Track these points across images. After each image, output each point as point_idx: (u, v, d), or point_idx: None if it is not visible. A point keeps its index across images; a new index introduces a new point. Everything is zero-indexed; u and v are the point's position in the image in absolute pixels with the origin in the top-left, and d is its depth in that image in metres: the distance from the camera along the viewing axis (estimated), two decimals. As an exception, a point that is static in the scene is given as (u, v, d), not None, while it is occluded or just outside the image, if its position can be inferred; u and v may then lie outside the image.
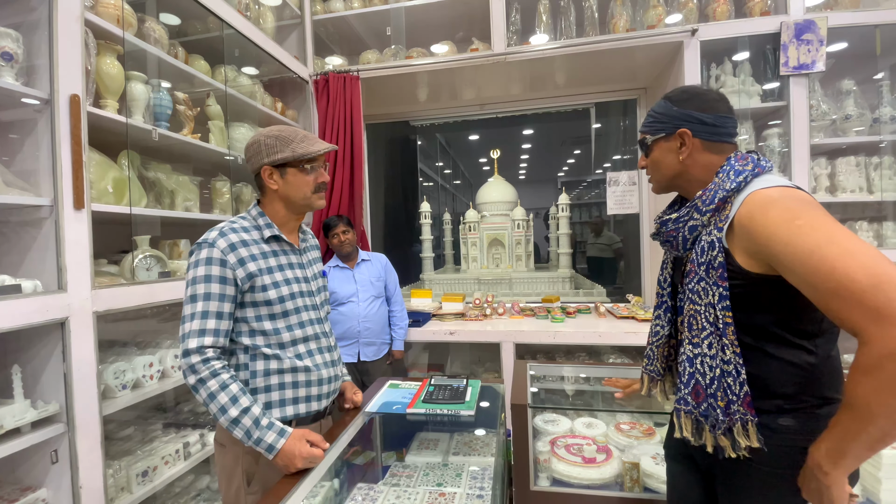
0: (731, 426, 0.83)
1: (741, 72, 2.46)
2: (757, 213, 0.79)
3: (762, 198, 0.80)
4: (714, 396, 0.84)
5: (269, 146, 1.15)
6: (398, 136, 4.29)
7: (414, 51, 2.72)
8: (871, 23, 2.20)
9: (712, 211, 0.87)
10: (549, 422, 1.74)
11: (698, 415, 0.87)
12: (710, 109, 0.91)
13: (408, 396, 1.51)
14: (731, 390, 0.83)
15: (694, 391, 0.88)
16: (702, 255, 0.86)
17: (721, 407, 0.84)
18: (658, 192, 1.03)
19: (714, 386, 0.84)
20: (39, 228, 1.25)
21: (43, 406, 1.22)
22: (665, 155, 0.95)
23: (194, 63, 1.99)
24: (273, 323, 1.15)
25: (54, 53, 1.23)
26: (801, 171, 2.29)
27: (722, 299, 0.83)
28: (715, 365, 0.84)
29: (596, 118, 3.84)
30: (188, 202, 1.88)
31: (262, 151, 1.15)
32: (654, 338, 1.07)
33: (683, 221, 0.92)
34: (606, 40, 2.40)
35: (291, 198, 1.18)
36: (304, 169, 1.16)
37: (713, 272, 0.84)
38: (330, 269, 2.42)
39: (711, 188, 0.88)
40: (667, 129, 0.93)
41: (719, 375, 0.84)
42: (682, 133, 0.91)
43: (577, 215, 6.36)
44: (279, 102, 2.58)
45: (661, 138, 0.95)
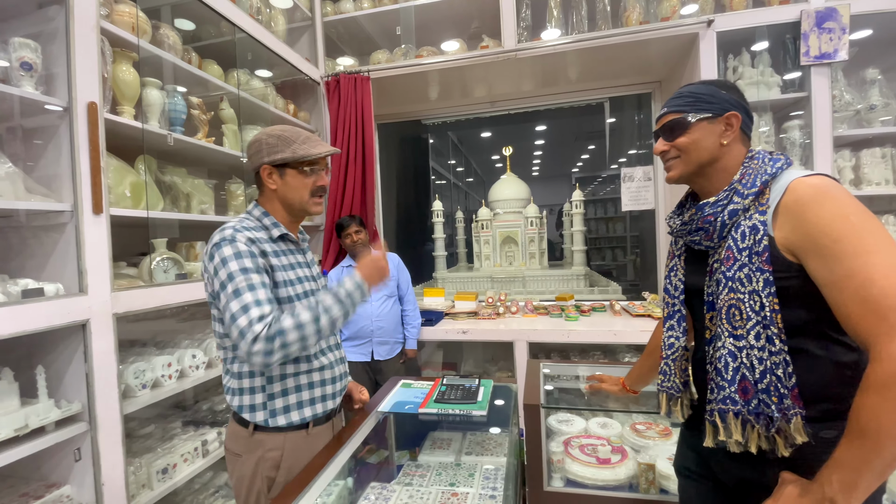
0: (789, 421, 0.78)
1: (760, 63, 2.39)
2: (809, 201, 0.77)
3: (811, 186, 0.78)
4: (767, 391, 0.79)
5: (270, 145, 1.13)
6: (409, 136, 4.30)
7: (424, 50, 2.71)
8: (895, 9, 2.12)
9: (754, 195, 0.84)
10: (562, 422, 1.72)
11: (747, 413, 0.80)
12: (747, 106, 0.91)
13: (420, 396, 1.51)
14: (782, 383, 0.78)
15: (741, 388, 0.81)
16: (743, 239, 0.82)
17: (775, 402, 0.78)
18: (677, 180, 0.96)
19: (766, 380, 0.79)
20: (60, 233, 1.29)
21: (66, 405, 1.26)
22: (706, 136, 0.90)
23: (207, 68, 2.02)
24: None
25: (72, 62, 1.26)
26: (823, 163, 2.21)
27: (767, 285, 0.78)
28: (764, 357, 0.79)
29: (610, 113, 3.79)
30: (203, 205, 1.92)
31: (262, 150, 1.14)
32: (669, 350, 1.00)
33: (722, 205, 0.87)
34: (619, 34, 2.36)
35: (288, 199, 1.16)
36: (304, 171, 1.14)
37: (756, 258, 0.80)
38: (343, 268, 2.44)
39: (752, 171, 0.86)
40: (714, 110, 0.89)
41: (770, 368, 0.78)
42: (732, 116, 0.89)
43: (592, 211, 6.30)
44: (291, 104, 2.60)
45: (707, 118, 0.90)
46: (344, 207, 2.55)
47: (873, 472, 0.66)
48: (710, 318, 0.90)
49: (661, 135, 0.95)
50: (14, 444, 1.16)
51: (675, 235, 1.00)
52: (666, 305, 1.02)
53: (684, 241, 0.97)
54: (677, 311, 0.99)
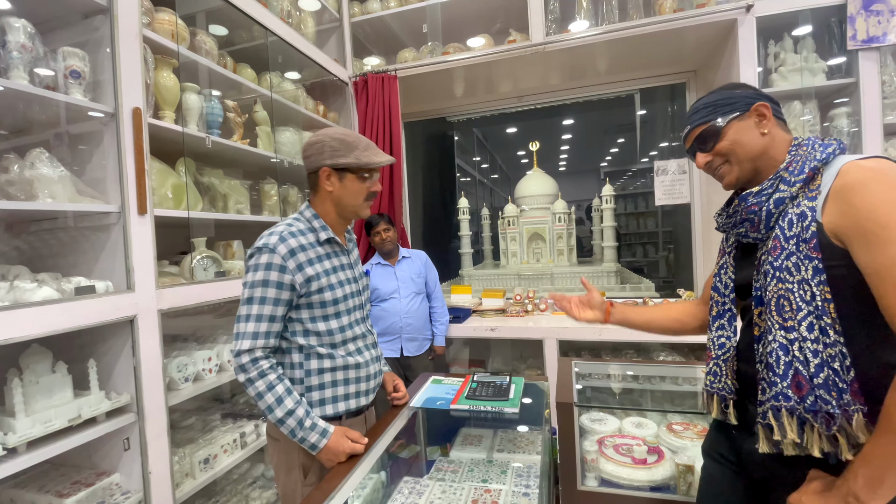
0: (850, 419, 0.72)
1: (803, 48, 2.27)
2: (856, 184, 0.74)
3: (862, 169, 0.74)
4: (824, 387, 0.73)
5: (333, 148, 1.16)
6: (435, 133, 4.30)
7: (450, 46, 2.71)
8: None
9: (802, 182, 0.81)
10: (595, 420, 1.69)
11: (803, 411, 0.75)
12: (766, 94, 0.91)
13: (451, 392, 1.52)
14: (840, 377, 0.73)
15: (795, 383, 0.76)
16: (790, 228, 0.79)
17: (834, 398, 0.73)
18: (736, 183, 0.93)
19: (823, 374, 0.73)
20: (109, 233, 1.36)
21: (116, 397, 1.32)
22: (744, 133, 0.89)
23: (241, 71, 2.08)
24: (327, 323, 1.18)
25: (117, 69, 1.32)
26: (873, 152, 2.08)
27: (817, 273, 0.75)
28: (819, 349, 0.74)
29: (641, 105, 3.68)
30: (239, 205, 1.98)
31: (324, 152, 1.16)
32: (720, 351, 0.96)
33: (768, 194, 0.84)
34: (652, 23, 2.29)
35: (344, 202, 1.20)
36: (363, 177, 1.19)
37: (804, 245, 0.77)
38: (372, 266, 2.47)
39: (800, 158, 0.83)
40: (739, 108, 0.89)
41: (825, 361, 0.74)
42: (760, 106, 0.88)
43: (622, 207, 6.15)
44: (321, 105, 2.65)
45: (736, 118, 0.89)
46: (372, 206, 2.58)
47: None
48: (758, 314, 0.85)
49: (697, 149, 0.95)
50: (68, 433, 1.23)
51: (723, 230, 0.97)
52: (715, 304, 0.99)
53: (734, 235, 0.94)
54: (728, 310, 0.96)
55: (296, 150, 2.31)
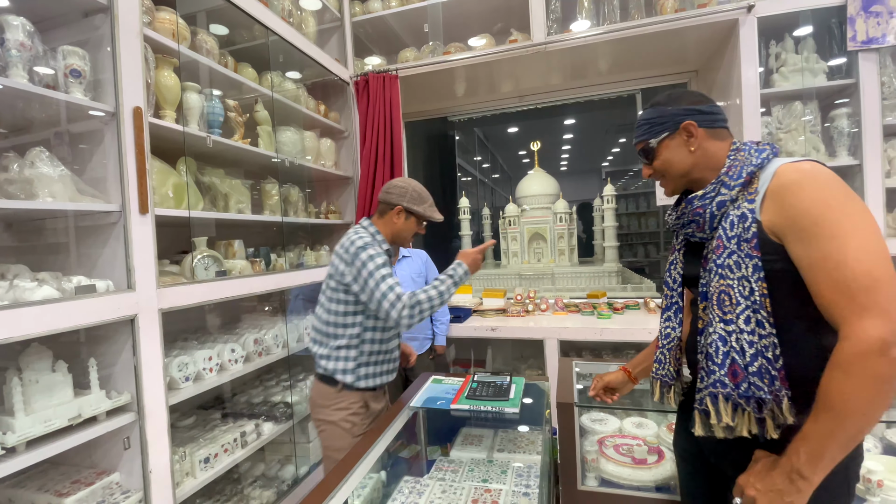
0: (780, 403, 0.80)
1: (804, 48, 2.27)
2: (791, 185, 0.80)
3: (797, 171, 0.81)
4: (757, 374, 0.81)
5: (412, 197, 1.59)
6: (436, 133, 4.30)
7: (452, 46, 2.71)
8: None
9: (741, 185, 0.87)
10: (596, 421, 1.69)
11: (737, 397, 0.83)
12: (702, 101, 0.95)
13: (451, 392, 1.52)
14: (772, 365, 0.80)
15: (731, 371, 0.83)
16: (732, 228, 0.86)
17: (766, 384, 0.80)
18: (673, 193, 1.04)
19: (757, 363, 0.81)
20: (109, 232, 1.35)
21: (116, 396, 1.32)
22: (675, 152, 0.97)
23: (242, 71, 2.08)
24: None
25: (118, 68, 1.32)
26: (873, 153, 2.08)
27: (757, 270, 0.81)
28: (755, 341, 0.81)
29: (642, 104, 3.67)
30: (241, 204, 1.98)
31: (406, 195, 1.59)
32: (665, 340, 1.05)
33: (710, 197, 0.91)
34: (654, 23, 2.28)
35: (401, 234, 1.62)
36: (419, 223, 1.64)
37: (745, 244, 0.83)
38: None
39: (737, 164, 0.89)
40: (668, 128, 0.96)
41: (759, 351, 0.81)
42: (688, 125, 0.94)
43: (623, 207, 6.13)
44: (322, 105, 2.65)
45: (666, 137, 0.97)
46: (373, 205, 2.58)
47: (837, 444, 0.71)
48: (703, 308, 0.93)
49: (642, 161, 1.04)
50: (68, 433, 1.23)
51: (673, 229, 1.04)
52: (665, 297, 1.07)
53: (682, 234, 1.01)
54: (675, 303, 1.05)
55: (297, 149, 2.31)
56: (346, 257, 1.49)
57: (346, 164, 2.81)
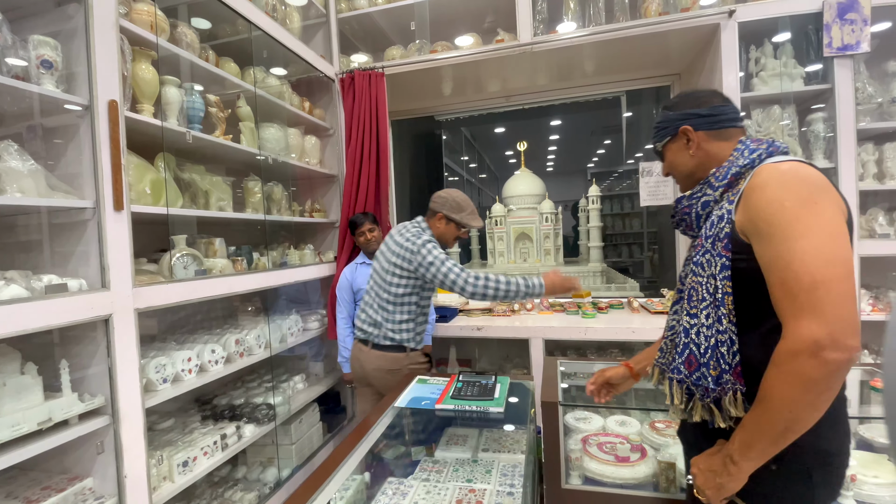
0: (722, 395, 0.85)
1: (783, 54, 2.32)
2: (758, 186, 0.82)
3: (768, 171, 0.83)
4: (707, 365, 0.86)
5: (451, 206, 1.88)
6: (423, 132, 4.28)
7: (439, 45, 2.70)
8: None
9: (724, 186, 0.90)
10: (580, 419, 1.70)
11: (690, 384, 0.89)
12: (704, 104, 0.97)
13: (436, 392, 1.51)
14: (724, 360, 0.84)
15: (687, 361, 0.90)
16: (710, 228, 0.88)
17: (713, 376, 0.85)
18: (684, 191, 1.06)
19: (708, 355, 0.86)
20: (83, 230, 1.31)
21: (89, 399, 1.28)
22: (677, 155, 1.01)
23: (224, 66, 2.03)
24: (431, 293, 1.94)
25: (92, 60, 1.28)
26: (847, 156, 2.14)
27: (723, 269, 0.84)
28: (710, 335, 0.86)
29: (627, 106, 3.72)
30: (222, 202, 1.93)
31: (446, 205, 1.89)
32: (669, 331, 1.08)
33: (696, 198, 0.95)
34: (638, 25, 2.31)
35: (442, 236, 1.91)
36: (460, 230, 1.93)
37: (718, 243, 0.86)
38: (356, 265, 2.43)
39: (725, 165, 0.92)
40: (669, 132, 1.01)
41: (714, 345, 0.85)
42: (684, 130, 0.97)
43: (608, 207, 6.21)
44: (307, 102, 2.61)
45: (668, 141, 1.02)
46: (358, 204, 2.55)
47: (767, 437, 0.75)
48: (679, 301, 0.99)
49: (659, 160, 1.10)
50: (37, 437, 1.18)
51: (673, 228, 1.11)
52: (676, 291, 1.10)
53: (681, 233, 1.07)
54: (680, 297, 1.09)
55: (280, 146, 2.28)
56: (413, 248, 1.79)
57: (331, 161, 2.78)
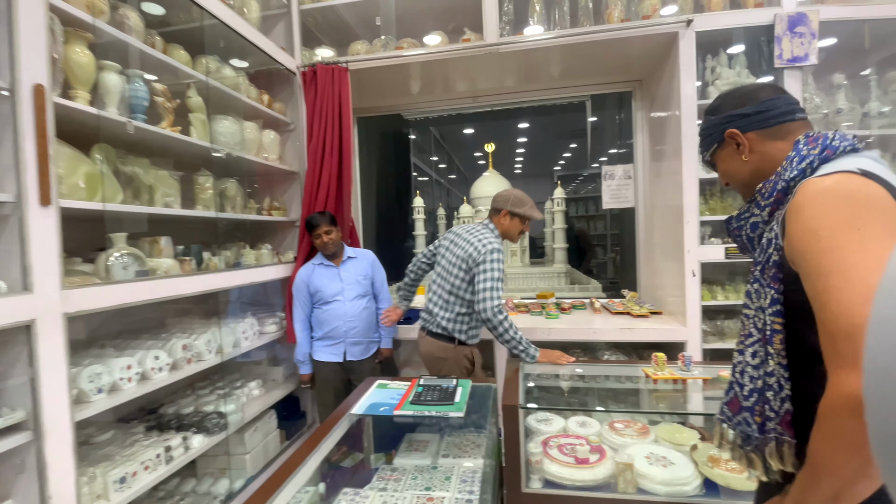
0: (764, 445, 0.75)
1: (736, 64, 2.41)
2: (795, 209, 0.70)
3: (807, 190, 0.70)
4: (751, 410, 0.77)
5: (514, 202, 2.02)
6: (391, 130, 4.21)
7: (405, 41, 2.65)
8: (860, 17, 2.16)
9: (772, 205, 0.79)
10: (541, 421, 1.70)
11: (732, 427, 0.81)
12: (749, 100, 0.85)
13: (396, 397, 1.46)
14: (770, 406, 0.74)
15: (731, 401, 0.81)
16: (761, 253, 0.78)
17: (756, 423, 0.76)
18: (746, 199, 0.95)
19: (752, 399, 0.77)
20: (3, 226, 1.19)
21: (8, 413, 1.16)
22: (729, 162, 0.89)
23: (173, 53, 1.91)
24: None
25: (14, 40, 1.16)
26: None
27: (773, 303, 0.73)
28: (757, 376, 0.76)
29: (592, 111, 3.78)
30: (168, 198, 1.81)
31: (509, 201, 2.03)
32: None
33: (745, 219, 0.85)
34: (601, 31, 2.34)
35: (507, 231, 2.06)
36: (524, 222, 2.05)
37: (767, 272, 0.75)
38: (314, 266, 2.34)
39: (772, 178, 0.79)
40: (715, 139, 0.90)
41: (760, 388, 0.76)
42: (731, 134, 0.86)
43: (574, 210, 6.34)
44: (266, 95, 2.51)
45: (716, 149, 0.91)
46: (318, 202, 2.46)
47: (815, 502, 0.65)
48: None
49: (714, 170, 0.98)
50: (-52, 455, 1.06)
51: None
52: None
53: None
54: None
55: (235, 140, 2.17)
56: (482, 250, 1.94)
57: (291, 158, 2.68)
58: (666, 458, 1.44)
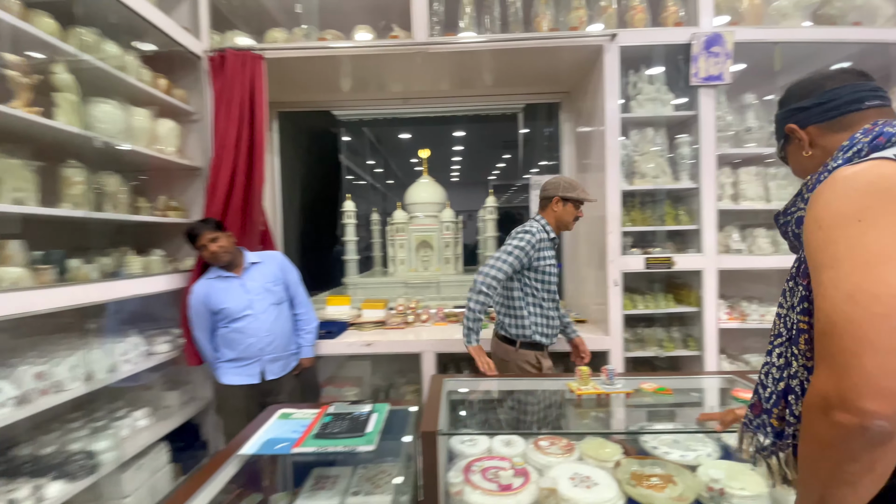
0: (780, 451, 0.72)
1: (656, 80, 2.51)
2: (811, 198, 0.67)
3: (832, 177, 0.66)
4: (769, 413, 0.73)
5: (565, 187, 1.92)
6: (320, 129, 3.96)
7: (328, 33, 2.46)
8: (771, 40, 2.33)
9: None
10: (466, 442, 1.58)
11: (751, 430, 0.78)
12: (811, 92, 0.80)
13: (299, 430, 1.27)
14: (791, 410, 0.70)
15: (754, 405, 0.78)
16: (800, 250, 0.74)
17: (774, 427, 0.73)
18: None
19: (772, 401, 0.73)
20: None
21: None
22: (796, 159, 0.85)
23: (35, 19, 1.58)
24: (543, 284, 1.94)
25: None
26: (708, 179, 2.36)
27: (802, 301, 0.70)
28: (779, 378, 0.73)
29: (524, 123, 3.83)
30: (20, 192, 1.48)
31: (560, 186, 1.92)
32: None
33: (791, 213, 0.80)
34: (530, 38, 2.33)
35: (563, 220, 1.95)
36: (577, 207, 1.95)
37: (800, 269, 0.72)
38: (209, 281, 2.02)
39: (820, 170, 0.75)
40: (780, 135, 0.87)
41: (781, 391, 0.72)
42: (790, 129, 0.83)
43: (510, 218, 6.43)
44: (162, 79, 2.19)
45: (783, 145, 0.88)
46: (217, 200, 2.16)
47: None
48: None
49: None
50: None
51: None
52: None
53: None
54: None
55: (119, 128, 1.85)
56: (512, 234, 1.94)
57: (194, 151, 2.37)
58: (590, 479, 1.38)
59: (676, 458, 1.42)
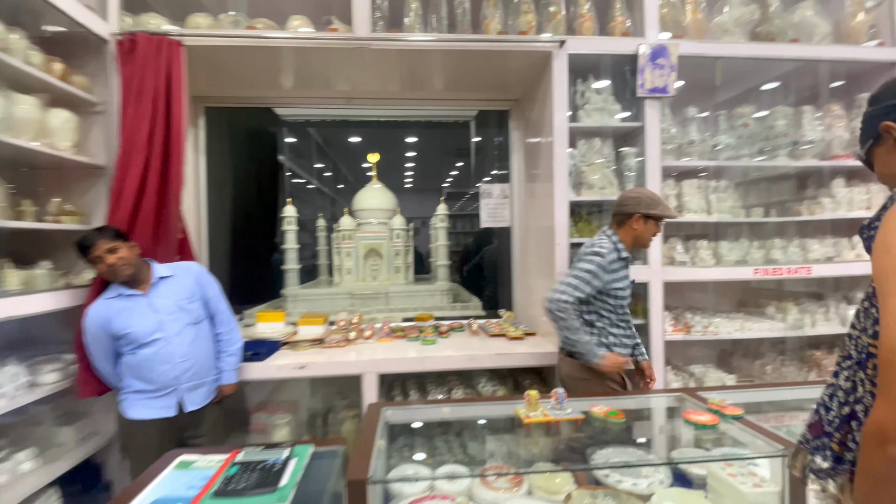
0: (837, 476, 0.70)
1: (603, 90, 2.50)
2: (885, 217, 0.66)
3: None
4: (830, 436, 0.71)
5: (647, 203, 1.79)
6: (258, 127, 3.66)
7: (259, 21, 2.24)
8: (712, 54, 2.38)
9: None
10: (404, 479, 1.42)
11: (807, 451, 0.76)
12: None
13: (198, 483, 1.06)
14: (853, 437, 0.69)
15: (813, 425, 0.76)
16: None
17: (834, 451, 0.69)
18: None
19: (835, 425, 0.71)
20: None
21: None
22: (886, 162, 0.78)
23: None
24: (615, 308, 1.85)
25: None
26: (653, 190, 2.36)
27: (874, 324, 0.68)
28: (844, 401, 0.71)
29: (476, 131, 3.76)
30: None
31: (641, 203, 1.79)
32: None
33: (875, 227, 0.76)
34: (477, 40, 2.24)
35: (642, 238, 1.82)
36: (658, 224, 1.82)
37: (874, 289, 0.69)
38: (108, 301, 1.72)
39: None
40: (871, 133, 0.79)
41: (846, 416, 0.70)
42: (886, 127, 0.75)
43: (461, 227, 6.40)
44: (58, 63, 1.89)
45: (872, 145, 0.80)
46: (124, 204, 1.87)
47: None
48: None
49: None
50: None
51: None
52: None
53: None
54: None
55: (-10, 118, 1.55)
56: (583, 250, 1.84)
57: (96, 148, 2.05)
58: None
59: (629, 487, 1.34)
